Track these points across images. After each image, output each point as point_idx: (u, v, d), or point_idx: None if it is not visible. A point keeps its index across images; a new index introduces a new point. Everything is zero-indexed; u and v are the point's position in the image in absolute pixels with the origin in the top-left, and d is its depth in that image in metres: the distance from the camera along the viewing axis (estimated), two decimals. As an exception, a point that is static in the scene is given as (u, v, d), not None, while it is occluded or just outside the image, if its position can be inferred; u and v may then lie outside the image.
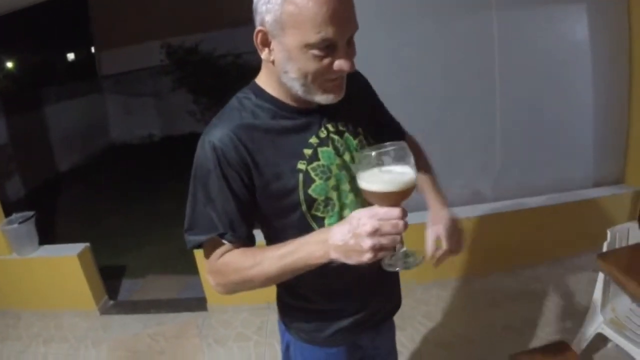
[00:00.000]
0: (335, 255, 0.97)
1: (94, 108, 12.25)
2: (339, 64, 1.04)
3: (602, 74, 3.64)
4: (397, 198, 0.95)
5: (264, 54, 1.10)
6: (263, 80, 1.19)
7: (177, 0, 11.69)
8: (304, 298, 1.32)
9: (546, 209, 3.61)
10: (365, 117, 1.32)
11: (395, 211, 0.93)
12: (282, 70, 1.08)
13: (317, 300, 1.32)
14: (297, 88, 1.08)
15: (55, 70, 14.48)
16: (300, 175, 1.14)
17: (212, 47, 10.03)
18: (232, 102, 1.19)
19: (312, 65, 1.03)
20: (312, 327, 1.35)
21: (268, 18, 1.02)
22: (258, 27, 1.06)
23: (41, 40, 14.95)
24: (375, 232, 0.91)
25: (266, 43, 1.08)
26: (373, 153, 0.97)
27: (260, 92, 1.17)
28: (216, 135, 1.10)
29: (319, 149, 1.17)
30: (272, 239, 1.23)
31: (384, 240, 0.92)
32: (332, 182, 1.17)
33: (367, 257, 0.92)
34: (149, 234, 5.78)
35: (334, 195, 1.18)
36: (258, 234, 1.23)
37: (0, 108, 8.67)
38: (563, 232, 3.65)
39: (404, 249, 1.03)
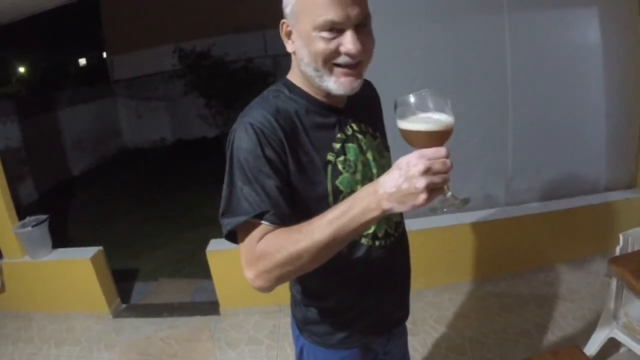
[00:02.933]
0: (388, 205, 0.93)
1: (106, 112, 12.33)
2: (347, 45, 1.08)
3: (614, 77, 3.63)
4: (441, 137, 0.96)
5: (288, 46, 1.17)
6: (293, 75, 1.24)
7: (189, 5, 11.77)
8: (317, 296, 1.34)
9: (558, 213, 3.59)
10: (381, 124, 1.41)
11: (442, 150, 0.92)
12: (300, 59, 1.14)
13: (331, 298, 1.33)
14: (312, 74, 1.13)
15: (68, 74, 14.64)
16: (329, 167, 1.18)
17: (224, 51, 10.06)
18: (265, 93, 1.23)
19: (320, 47, 1.08)
20: (325, 329, 1.36)
21: (287, 10, 1.12)
22: (282, 20, 1.15)
23: (54, 45, 15.15)
24: (427, 171, 0.89)
25: (289, 35, 1.16)
26: (412, 99, 0.98)
27: (292, 87, 1.22)
28: (254, 117, 1.12)
29: (346, 144, 1.22)
30: None
31: (437, 179, 0.90)
32: (357, 176, 1.21)
33: (422, 198, 0.90)
34: (161, 237, 5.83)
35: (358, 189, 1.17)
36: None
37: (13, 111, 8.74)
38: (575, 236, 3.64)
39: (450, 193, 0.99)
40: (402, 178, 0.91)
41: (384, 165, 1.33)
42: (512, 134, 3.59)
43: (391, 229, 1.34)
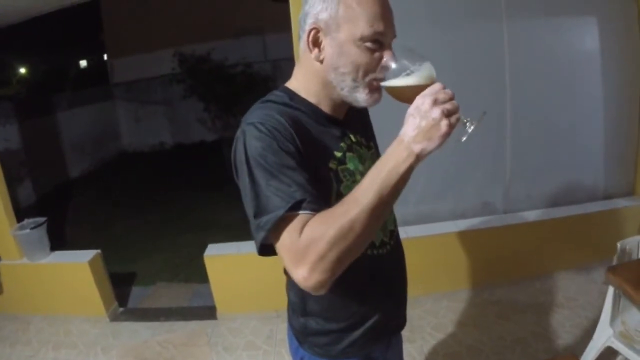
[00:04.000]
0: (418, 147, 0.94)
1: (106, 115, 12.36)
2: (388, 58, 1.10)
3: (612, 84, 3.65)
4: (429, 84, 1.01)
5: (313, 54, 1.15)
6: (296, 84, 1.23)
7: (189, 9, 11.81)
8: (317, 307, 1.33)
9: (556, 221, 3.60)
10: (372, 134, 1.45)
11: (437, 84, 0.99)
12: (333, 67, 1.13)
13: (331, 308, 1.32)
14: (346, 84, 1.14)
15: (68, 77, 14.65)
16: (331, 174, 1.18)
17: (224, 56, 10.08)
18: (264, 100, 1.20)
19: (364, 58, 1.10)
20: (326, 340, 1.35)
21: (323, 16, 1.10)
22: (311, 26, 1.13)
23: (54, 47, 15.16)
24: (435, 102, 0.94)
25: (317, 42, 1.14)
26: (393, 64, 1.05)
27: (294, 96, 1.21)
28: (261, 117, 1.09)
29: (347, 154, 1.23)
30: None
31: (447, 106, 0.94)
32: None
33: (444, 124, 0.92)
34: (159, 241, 5.83)
35: None
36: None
37: (12, 113, 8.75)
38: (573, 244, 3.65)
39: (463, 118, 1.03)
40: (418, 118, 0.94)
41: None
42: (510, 141, 3.60)
43: (387, 237, 1.34)
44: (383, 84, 1.07)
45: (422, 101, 0.95)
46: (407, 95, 1.01)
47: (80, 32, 15.12)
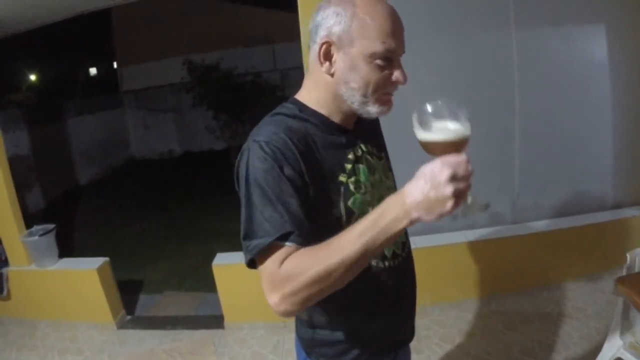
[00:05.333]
0: (416, 214, 0.92)
1: (115, 122, 12.45)
2: (397, 75, 1.13)
3: (621, 93, 3.63)
4: (460, 146, 0.98)
5: (324, 67, 1.15)
6: (306, 96, 1.23)
7: (199, 18, 11.89)
8: (326, 318, 1.31)
9: (564, 231, 3.58)
10: (383, 144, 1.43)
11: (463, 156, 0.93)
12: (344, 81, 1.14)
13: (340, 320, 1.31)
14: (356, 99, 1.15)
15: (78, 84, 14.76)
16: (342, 187, 1.17)
17: (233, 64, 10.12)
18: (274, 113, 1.22)
19: (374, 75, 1.11)
20: (334, 351, 1.33)
21: (336, 29, 1.11)
22: (323, 39, 1.13)
23: (64, 54, 15.26)
24: (454, 177, 0.90)
25: (328, 56, 1.14)
26: (429, 108, 1.00)
27: (304, 107, 1.21)
28: (267, 135, 1.10)
29: (357, 165, 1.22)
30: None
31: (461, 185, 0.90)
32: (367, 197, 1.21)
33: (449, 205, 0.90)
34: (167, 249, 5.84)
35: (368, 210, 1.19)
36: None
37: (22, 119, 8.83)
38: (582, 253, 3.63)
39: (470, 197, 0.99)
40: (429, 185, 0.90)
41: (390, 186, 1.34)
42: (518, 151, 3.59)
43: (399, 249, 1.33)
44: (417, 133, 1.01)
45: (440, 170, 0.90)
46: (430, 149, 1.00)
47: (90, 39, 15.24)
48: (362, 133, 1.28)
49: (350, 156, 1.22)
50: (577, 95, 3.59)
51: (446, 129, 0.98)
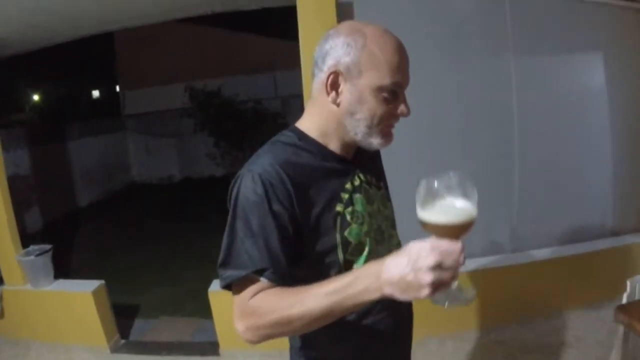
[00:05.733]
0: (389, 291, 0.91)
1: (116, 146, 12.48)
2: (402, 108, 1.14)
3: (619, 120, 3.67)
4: (459, 231, 0.94)
5: (330, 97, 1.14)
6: (308, 124, 1.22)
7: (201, 45, 12.01)
8: (319, 348, 1.30)
9: (563, 259, 3.56)
10: (382, 174, 1.42)
11: (458, 245, 0.90)
12: (349, 112, 1.14)
13: (333, 350, 1.28)
14: (360, 130, 1.14)
15: (80, 106, 14.87)
16: (339, 218, 1.16)
17: (234, 91, 10.19)
18: (272, 142, 1.21)
19: (380, 108, 1.12)
20: None
21: (346, 60, 1.10)
22: (331, 69, 1.12)
23: (68, 76, 15.41)
24: (437, 267, 0.86)
25: (335, 85, 1.13)
26: (436, 183, 0.96)
27: (303, 136, 1.20)
28: (262, 167, 1.10)
29: (354, 195, 1.21)
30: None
31: (445, 275, 0.88)
32: (365, 227, 1.20)
33: (425, 293, 0.87)
34: (164, 274, 5.80)
35: (366, 240, 1.19)
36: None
37: (24, 139, 8.85)
38: (581, 282, 3.59)
39: (456, 283, 0.96)
40: (409, 268, 0.88)
41: (388, 215, 1.33)
42: (517, 179, 3.59)
43: None
44: (419, 215, 0.97)
45: (426, 256, 0.87)
46: (429, 229, 0.96)
47: (94, 62, 15.40)
48: (360, 162, 1.28)
49: (348, 186, 1.21)
50: (576, 123, 3.62)
51: (448, 208, 0.95)
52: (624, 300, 2.36)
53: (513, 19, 3.42)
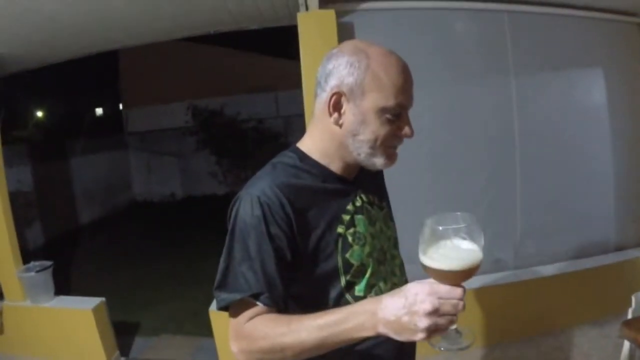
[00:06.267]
0: (384, 331, 0.91)
1: (118, 163, 12.54)
2: (406, 130, 1.13)
3: (621, 137, 3.68)
4: (461, 277, 0.91)
5: (333, 117, 1.13)
6: (310, 145, 1.21)
7: (204, 64, 12.11)
8: None
9: (568, 276, 3.54)
10: (385, 194, 1.42)
11: (458, 291, 0.89)
12: (352, 133, 1.12)
13: None
14: (363, 151, 1.13)
15: (83, 124, 14.91)
16: (340, 240, 1.15)
17: (236, 111, 10.25)
18: (273, 163, 1.20)
19: (384, 129, 1.11)
20: None
21: (349, 80, 1.09)
22: (334, 90, 1.11)
23: (72, 93, 15.48)
24: (434, 312, 0.86)
25: (338, 106, 1.12)
26: (441, 227, 0.92)
27: (305, 157, 1.19)
28: (261, 189, 1.08)
29: (355, 216, 1.19)
30: (306, 309, 1.09)
31: (442, 321, 0.87)
32: (367, 249, 1.18)
33: (419, 336, 0.87)
34: (165, 292, 5.77)
35: (368, 261, 1.18)
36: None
37: (27, 155, 8.89)
38: (586, 298, 3.57)
39: (455, 326, 0.94)
40: (405, 310, 0.88)
41: (390, 236, 1.32)
42: (520, 196, 3.59)
43: None
44: (421, 258, 0.94)
45: (424, 299, 0.87)
46: (431, 274, 0.93)
47: (97, 80, 15.50)
48: (362, 182, 1.26)
49: (349, 207, 1.20)
50: (577, 140, 3.63)
51: (452, 252, 0.92)
52: (629, 315, 2.35)
53: (513, 38, 3.45)
